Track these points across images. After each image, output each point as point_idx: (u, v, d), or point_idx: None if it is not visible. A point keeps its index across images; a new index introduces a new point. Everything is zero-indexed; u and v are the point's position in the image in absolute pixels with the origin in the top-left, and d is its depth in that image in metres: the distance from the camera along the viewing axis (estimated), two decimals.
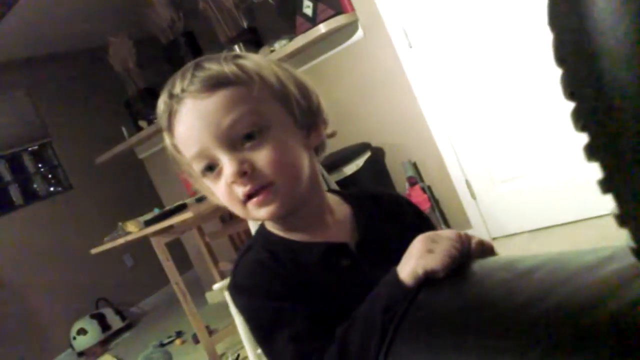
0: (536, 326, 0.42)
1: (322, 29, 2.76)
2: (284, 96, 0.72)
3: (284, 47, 2.91)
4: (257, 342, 0.71)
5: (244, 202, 0.70)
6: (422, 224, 0.82)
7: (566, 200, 2.52)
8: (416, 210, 0.88)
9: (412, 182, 2.89)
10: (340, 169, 2.70)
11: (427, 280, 0.57)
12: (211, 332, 2.97)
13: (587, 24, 0.26)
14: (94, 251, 2.98)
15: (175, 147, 0.75)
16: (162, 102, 0.73)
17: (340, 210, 0.80)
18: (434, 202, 2.94)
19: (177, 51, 3.60)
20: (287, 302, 0.68)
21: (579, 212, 2.50)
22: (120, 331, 4.69)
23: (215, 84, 0.68)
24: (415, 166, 2.95)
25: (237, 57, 0.73)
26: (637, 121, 0.27)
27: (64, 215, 4.95)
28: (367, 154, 2.90)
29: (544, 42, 2.13)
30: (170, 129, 0.73)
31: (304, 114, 0.74)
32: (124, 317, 4.77)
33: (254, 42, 3.27)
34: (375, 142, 3.01)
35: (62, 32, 4.76)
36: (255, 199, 0.69)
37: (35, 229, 4.75)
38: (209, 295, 4.17)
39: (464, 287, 0.55)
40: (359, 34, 2.90)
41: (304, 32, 2.84)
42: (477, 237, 0.64)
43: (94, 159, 4.00)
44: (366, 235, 0.77)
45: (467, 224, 2.85)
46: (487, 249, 0.64)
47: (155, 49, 3.88)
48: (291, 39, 2.92)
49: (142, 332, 4.55)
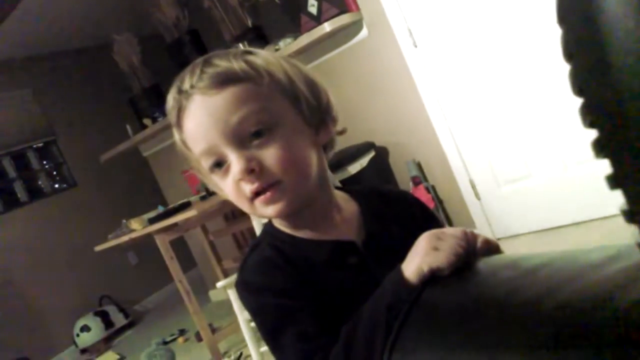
0: (542, 324, 0.42)
1: (327, 27, 2.76)
2: (293, 93, 0.72)
3: (288, 45, 2.91)
4: (263, 339, 0.71)
5: (251, 199, 0.70)
6: (429, 221, 0.82)
7: (570, 201, 2.52)
8: (423, 207, 0.88)
9: (416, 181, 2.89)
10: (344, 168, 2.70)
11: (432, 277, 0.57)
12: (214, 330, 2.98)
13: (598, 17, 0.26)
14: (98, 248, 2.99)
15: (184, 142, 0.74)
16: (171, 98, 0.73)
17: (347, 207, 0.80)
18: (438, 202, 2.93)
19: (182, 49, 3.60)
20: (294, 299, 0.68)
21: (583, 214, 2.49)
22: (123, 328, 4.70)
23: (224, 80, 0.68)
24: (419, 166, 2.95)
25: (246, 53, 0.73)
26: None
27: (69, 212, 4.97)
28: (372, 153, 2.90)
29: (549, 42, 2.12)
30: (179, 125, 0.73)
31: (313, 111, 0.74)
32: (127, 315, 4.78)
33: (259, 40, 3.27)
34: (379, 142, 3.00)
35: (67, 30, 4.78)
36: (262, 197, 0.69)
37: (39, 226, 4.76)
38: (212, 293, 4.17)
39: (469, 285, 0.55)
40: (364, 33, 2.89)
41: (309, 30, 2.84)
42: (482, 235, 0.63)
43: (99, 157, 4.01)
44: (373, 233, 0.77)
45: (471, 224, 2.84)
46: (492, 248, 0.63)
47: (159, 47, 3.88)
48: (296, 37, 2.92)
49: (145, 329, 4.56)
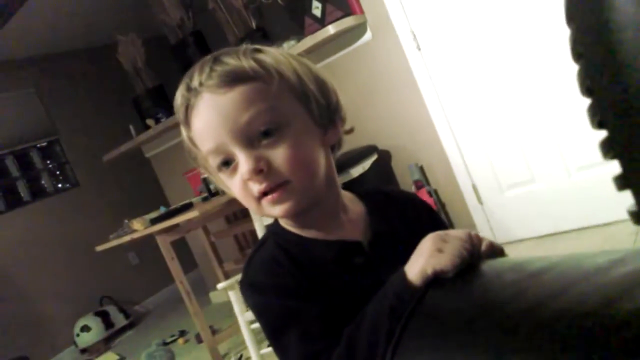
0: (546, 327, 0.41)
1: (331, 30, 2.76)
2: (302, 93, 0.72)
3: (292, 47, 2.91)
4: (267, 339, 0.71)
5: (258, 199, 0.70)
6: (435, 223, 0.81)
7: (573, 207, 2.51)
8: (429, 209, 0.88)
9: (418, 185, 2.88)
10: (346, 171, 2.70)
11: (436, 279, 0.57)
12: (214, 332, 2.98)
13: (609, 15, 0.25)
14: (100, 248, 2.99)
15: (191, 140, 0.74)
16: (179, 95, 0.72)
17: (354, 208, 0.80)
18: (440, 206, 2.93)
19: (186, 50, 3.61)
20: (299, 300, 0.68)
21: (585, 219, 2.48)
22: (123, 329, 4.70)
23: (233, 79, 0.67)
24: (422, 169, 2.94)
25: (256, 51, 0.72)
26: None
27: (71, 212, 4.97)
28: (374, 157, 2.90)
29: (552, 46, 2.12)
30: (187, 122, 0.72)
31: (322, 111, 0.74)
32: (127, 315, 4.78)
33: (263, 42, 3.27)
34: (382, 145, 3.00)
35: (71, 30, 4.79)
36: (270, 197, 0.69)
37: (41, 225, 4.77)
38: (213, 294, 4.17)
39: (472, 288, 0.54)
40: (368, 36, 2.89)
41: (313, 33, 2.84)
42: (487, 238, 0.63)
43: (102, 157, 4.02)
44: (379, 233, 0.77)
45: (473, 229, 2.83)
46: (497, 251, 0.63)
47: (163, 48, 3.89)
48: (299, 39, 2.92)
49: (145, 330, 4.56)
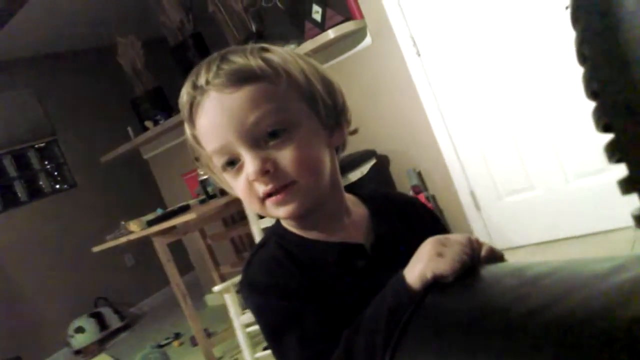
0: (546, 333, 0.41)
1: (331, 34, 2.76)
2: (310, 94, 0.71)
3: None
4: (266, 340, 0.70)
5: (262, 199, 0.69)
6: (437, 228, 0.81)
7: (571, 214, 2.51)
8: (431, 213, 0.88)
9: (416, 191, 2.88)
10: (345, 175, 2.70)
11: (435, 284, 0.56)
12: (209, 335, 2.96)
13: (618, 16, 0.25)
14: (96, 249, 2.98)
15: (195, 138, 0.73)
16: (185, 92, 0.71)
17: (356, 211, 0.80)
18: (438, 212, 2.93)
19: (186, 53, 3.61)
20: (299, 301, 0.67)
21: (583, 227, 2.48)
22: (118, 331, 4.68)
23: (241, 78, 0.66)
24: (420, 175, 2.94)
25: (263, 50, 0.71)
26: None
27: (67, 212, 4.96)
28: (372, 161, 2.89)
29: (552, 53, 2.13)
30: (191, 120, 0.71)
31: (328, 112, 0.73)
32: (122, 317, 4.76)
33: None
34: (380, 150, 3.00)
35: (71, 31, 4.79)
36: (274, 198, 0.68)
37: (38, 226, 4.75)
38: (208, 297, 4.15)
39: (472, 292, 0.54)
40: (367, 41, 2.90)
41: (313, 37, 2.85)
42: (487, 243, 0.63)
43: (99, 158, 4.01)
44: (381, 236, 0.76)
45: (471, 235, 2.83)
46: (497, 256, 0.62)
47: (163, 50, 3.89)
48: (299, 43, 2.92)
49: (140, 332, 4.54)
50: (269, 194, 0.68)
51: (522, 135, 2.58)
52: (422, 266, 0.58)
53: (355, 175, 2.75)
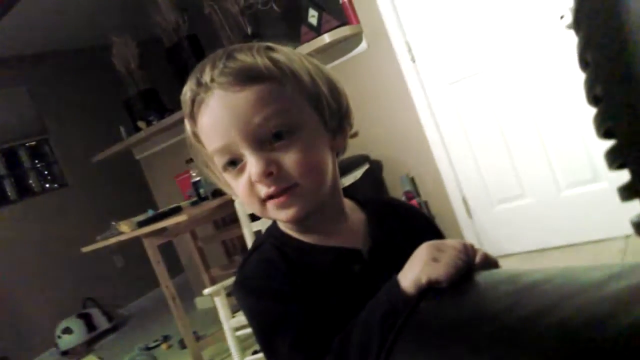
0: (541, 340, 0.41)
1: (327, 39, 2.77)
2: (315, 96, 0.70)
3: None
4: (257, 342, 0.69)
5: (263, 201, 0.68)
6: (434, 234, 0.80)
7: (562, 223, 2.52)
8: (429, 221, 0.88)
9: (409, 197, 2.88)
10: None
11: (429, 289, 0.56)
12: (199, 338, 2.94)
13: (622, 20, 0.25)
14: (86, 249, 2.95)
15: (196, 135, 0.72)
16: (188, 89, 0.69)
17: (354, 215, 0.79)
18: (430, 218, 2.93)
19: (181, 54, 3.60)
20: (293, 304, 0.66)
21: (574, 236, 2.49)
22: (106, 332, 4.64)
23: (247, 78, 0.65)
24: (413, 181, 2.94)
25: (269, 49, 0.70)
26: None
27: (57, 212, 4.92)
28: (365, 166, 2.89)
29: (546, 62, 2.14)
30: (193, 117, 0.70)
31: (332, 115, 0.73)
32: (110, 318, 4.72)
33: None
34: (374, 155, 3.00)
35: (65, 30, 4.77)
36: (276, 200, 0.67)
37: (27, 225, 4.71)
38: (198, 300, 4.13)
39: (466, 298, 0.54)
40: (363, 46, 2.90)
41: (309, 41, 2.85)
42: (482, 250, 0.63)
43: (91, 157, 3.98)
44: (378, 242, 0.76)
45: None
46: (491, 263, 0.62)
47: (157, 51, 3.88)
48: (295, 47, 2.90)
49: (128, 334, 4.50)
50: (271, 196, 0.67)
51: (515, 143, 2.59)
52: (417, 271, 0.57)
53: (348, 180, 2.74)
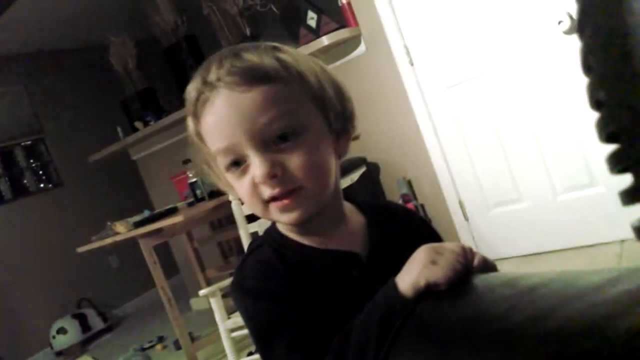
0: (539, 344, 0.41)
1: (325, 41, 2.77)
2: (321, 98, 0.70)
3: None
4: (254, 344, 0.69)
5: (266, 202, 0.68)
6: (432, 238, 0.80)
7: (558, 227, 2.52)
8: (428, 225, 0.87)
9: (405, 200, 2.88)
10: None
11: (428, 292, 0.56)
12: (194, 339, 2.93)
13: (626, 24, 0.25)
14: (81, 249, 2.94)
15: (199, 134, 0.71)
16: (193, 87, 0.69)
17: (354, 219, 0.79)
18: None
19: (179, 54, 3.59)
20: (290, 307, 0.66)
21: (570, 240, 2.50)
22: (101, 332, 4.62)
23: (254, 78, 0.65)
24: (409, 184, 2.95)
25: (276, 49, 0.70)
26: None
27: (53, 212, 4.90)
28: (362, 169, 2.89)
29: (544, 66, 2.15)
30: (196, 115, 0.69)
31: (337, 117, 0.72)
32: (105, 319, 4.70)
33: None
34: (371, 157, 3.00)
35: (62, 29, 4.75)
36: (279, 202, 0.67)
37: (22, 224, 4.69)
38: (194, 301, 4.12)
39: (464, 301, 0.53)
40: (361, 49, 2.91)
41: (307, 43, 2.85)
42: (480, 253, 0.63)
43: (87, 157, 3.96)
44: (378, 246, 0.75)
45: None
46: (489, 266, 0.62)
47: (155, 51, 3.87)
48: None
49: (123, 334, 4.48)
50: (274, 198, 0.67)
51: (512, 147, 2.60)
52: (415, 273, 0.57)
53: (345, 182, 2.74)
